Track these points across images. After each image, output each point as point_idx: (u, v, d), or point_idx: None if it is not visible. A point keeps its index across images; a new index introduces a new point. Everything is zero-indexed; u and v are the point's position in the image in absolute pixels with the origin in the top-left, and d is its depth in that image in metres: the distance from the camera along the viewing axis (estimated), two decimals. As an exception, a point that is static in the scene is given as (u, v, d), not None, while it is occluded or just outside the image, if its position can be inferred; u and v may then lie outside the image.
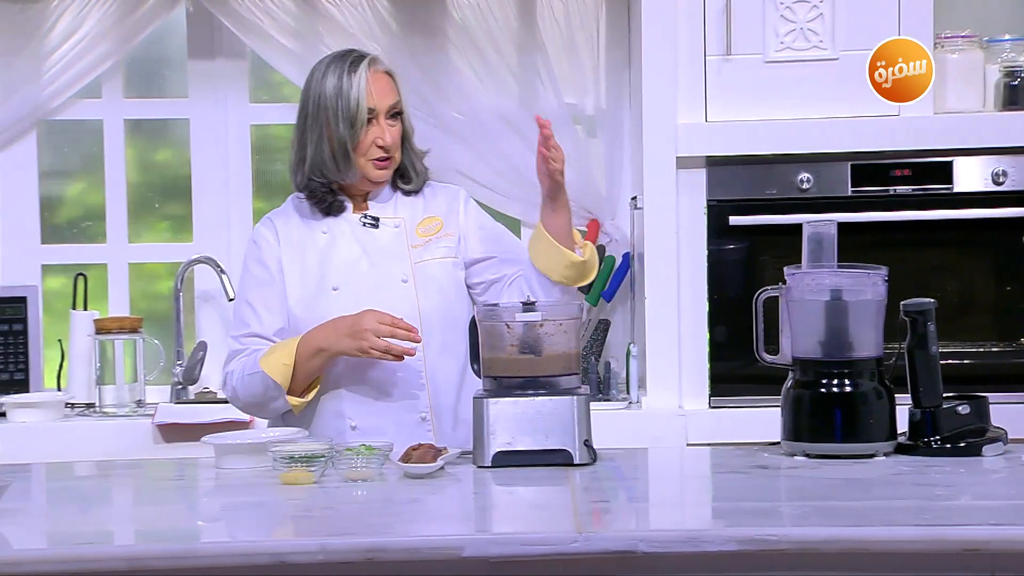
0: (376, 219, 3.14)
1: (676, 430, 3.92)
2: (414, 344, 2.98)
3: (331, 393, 3.11)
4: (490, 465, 2.84)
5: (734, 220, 3.99)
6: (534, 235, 3.14)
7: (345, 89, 3.04)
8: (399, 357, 2.98)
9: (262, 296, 3.13)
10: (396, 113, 3.10)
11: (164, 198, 4.57)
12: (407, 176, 3.17)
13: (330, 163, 3.08)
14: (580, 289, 4.28)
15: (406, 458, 2.77)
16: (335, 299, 3.07)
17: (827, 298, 2.92)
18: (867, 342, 2.91)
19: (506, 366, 2.91)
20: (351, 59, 3.08)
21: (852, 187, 3.97)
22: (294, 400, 3.05)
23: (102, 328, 4.20)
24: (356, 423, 3.09)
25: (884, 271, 2.93)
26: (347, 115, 3.04)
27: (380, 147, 3.07)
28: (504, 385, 2.90)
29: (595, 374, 4.20)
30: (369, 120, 3.06)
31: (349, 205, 3.15)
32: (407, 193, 3.18)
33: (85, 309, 4.32)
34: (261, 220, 3.22)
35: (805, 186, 3.97)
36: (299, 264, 3.12)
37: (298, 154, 3.13)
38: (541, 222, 3.13)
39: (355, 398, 3.09)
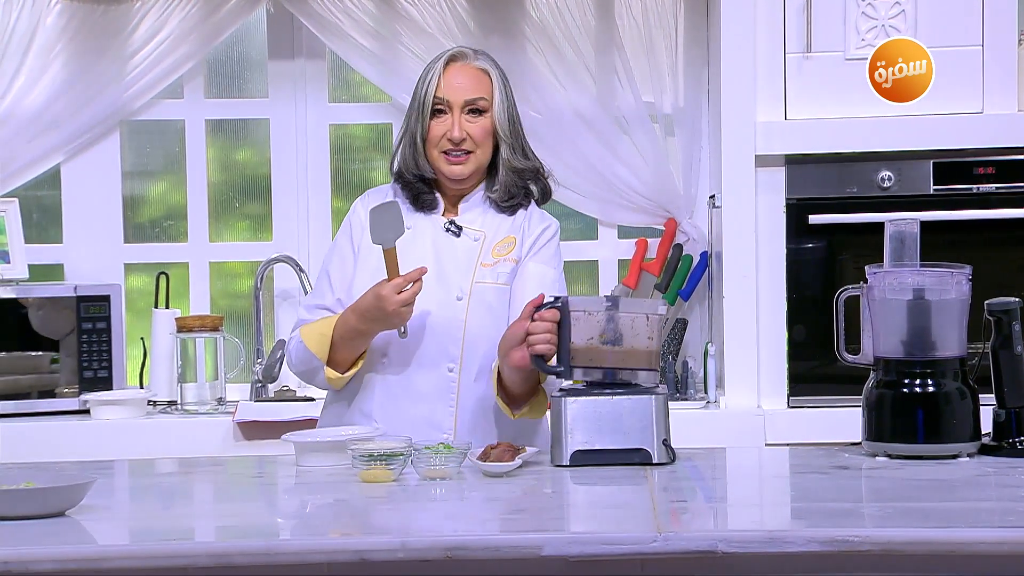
0: (459, 227, 3.10)
1: (754, 430, 3.90)
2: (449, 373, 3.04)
3: (363, 395, 3.10)
4: (568, 464, 2.83)
5: (813, 219, 3.96)
6: (496, 366, 3.02)
7: (422, 79, 3.06)
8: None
9: (341, 271, 3.12)
10: (478, 110, 3.05)
11: (244, 197, 4.61)
12: (493, 186, 3.10)
13: (409, 153, 3.07)
14: (656, 287, 4.29)
15: (484, 456, 2.78)
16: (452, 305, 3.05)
17: (910, 297, 2.89)
18: (950, 342, 2.88)
19: (589, 356, 2.89)
20: (439, 55, 3.10)
21: (934, 185, 3.93)
22: (332, 374, 3.03)
23: (183, 326, 4.24)
24: (384, 431, 3.06)
25: (968, 270, 2.90)
26: (418, 104, 3.05)
27: (450, 140, 3.03)
28: (586, 377, 2.89)
29: (672, 373, 4.19)
30: (440, 112, 3.03)
31: (441, 205, 3.12)
32: (497, 206, 3.11)
33: (167, 307, 4.36)
34: (360, 199, 3.19)
35: (886, 184, 3.93)
36: (376, 254, 3.04)
37: (395, 145, 3.16)
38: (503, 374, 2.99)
39: (385, 408, 3.08)
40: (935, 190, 3.93)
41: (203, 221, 4.54)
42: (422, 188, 3.09)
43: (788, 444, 3.67)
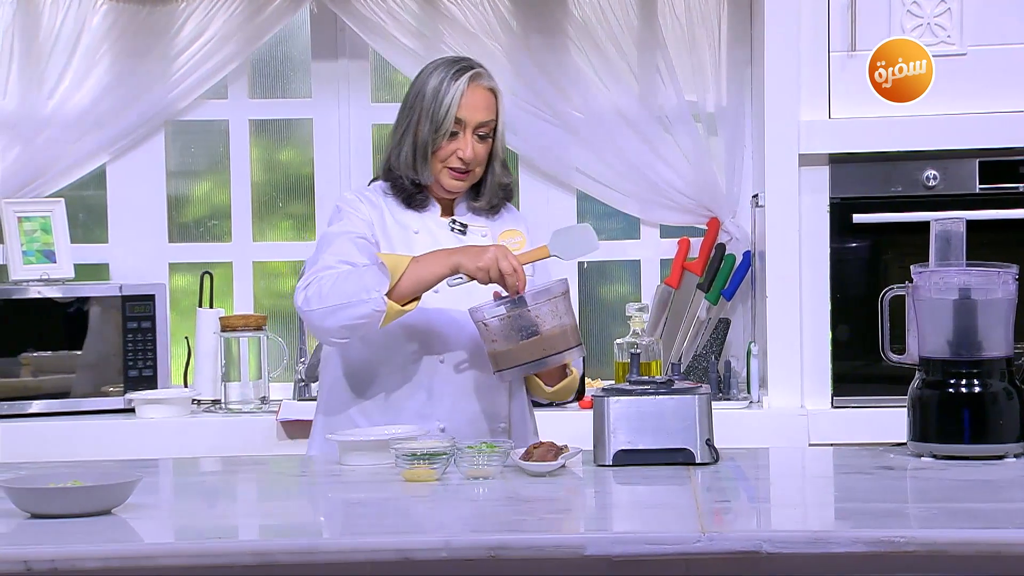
0: (465, 226, 3.13)
1: (798, 430, 3.89)
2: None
3: (417, 396, 3.08)
4: (611, 464, 2.83)
5: (857, 218, 3.94)
6: None
7: (441, 94, 3.04)
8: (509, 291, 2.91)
9: (364, 246, 3.04)
10: (487, 132, 3.08)
11: (288, 197, 4.63)
12: (479, 194, 3.14)
13: (410, 159, 3.07)
14: (698, 286, 4.27)
15: (527, 456, 2.78)
16: (430, 297, 3.01)
17: (956, 297, 2.87)
18: (997, 341, 2.86)
19: (514, 357, 2.90)
20: (459, 67, 3.08)
21: (980, 184, 3.90)
22: (393, 307, 2.90)
23: (227, 326, 4.26)
24: (444, 425, 3.07)
25: (1014, 269, 2.88)
26: (435, 120, 3.03)
27: (459, 159, 3.05)
28: (521, 375, 2.94)
29: (715, 373, 4.18)
30: (455, 132, 3.04)
31: (436, 206, 3.14)
32: (476, 211, 3.15)
33: (211, 307, 4.38)
34: (350, 193, 3.15)
35: (931, 183, 3.91)
36: (391, 252, 3.05)
37: (390, 142, 3.12)
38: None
39: (444, 400, 3.07)
40: (981, 189, 3.91)
41: (247, 221, 4.56)
42: (414, 190, 3.10)
43: (832, 444, 3.66)
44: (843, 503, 2.63)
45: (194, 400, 4.25)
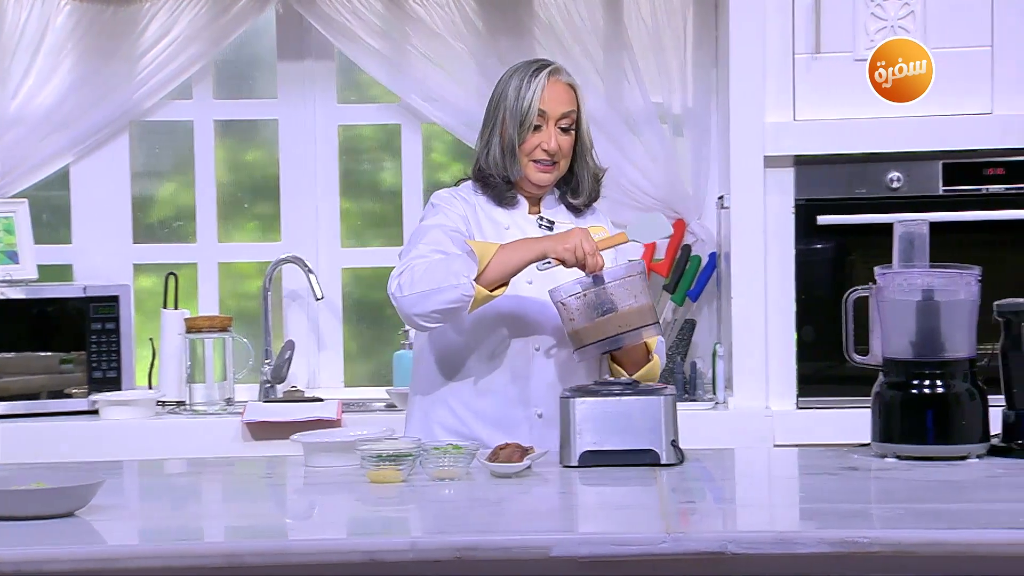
0: (552, 222, 3.21)
1: (763, 431, 3.90)
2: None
3: (515, 382, 3.14)
4: (577, 465, 2.84)
5: (822, 220, 3.96)
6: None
7: (523, 91, 3.14)
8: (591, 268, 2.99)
9: (459, 239, 3.11)
10: (569, 124, 3.17)
11: (253, 198, 4.62)
12: (577, 190, 3.24)
13: (499, 157, 3.17)
14: (664, 287, 4.29)
15: (493, 457, 2.78)
16: (527, 290, 3.12)
17: (919, 298, 2.89)
18: (960, 343, 2.88)
19: (592, 333, 2.96)
20: (537, 66, 3.19)
21: (944, 186, 3.93)
22: (480, 292, 2.97)
23: (192, 327, 4.24)
24: (542, 411, 3.12)
25: (977, 271, 2.90)
26: (518, 115, 3.14)
27: (545, 151, 3.15)
28: (599, 351, 2.97)
29: (681, 374, 4.19)
30: (538, 125, 3.14)
31: (524, 203, 3.23)
32: (573, 208, 3.24)
33: (176, 308, 4.37)
34: (444, 191, 3.24)
35: (895, 185, 3.93)
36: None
37: (478, 144, 3.24)
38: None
39: (540, 387, 3.13)
40: (944, 191, 3.93)
41: (212, 221, 4.54)
42: (505, 188, 3.19)
43: (797, 445, 3.66)
44: (808, 504, 2.64)
45: (159, 402, 4.23)
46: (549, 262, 3.01)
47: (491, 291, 3.00)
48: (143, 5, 4.37)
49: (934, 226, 2.94)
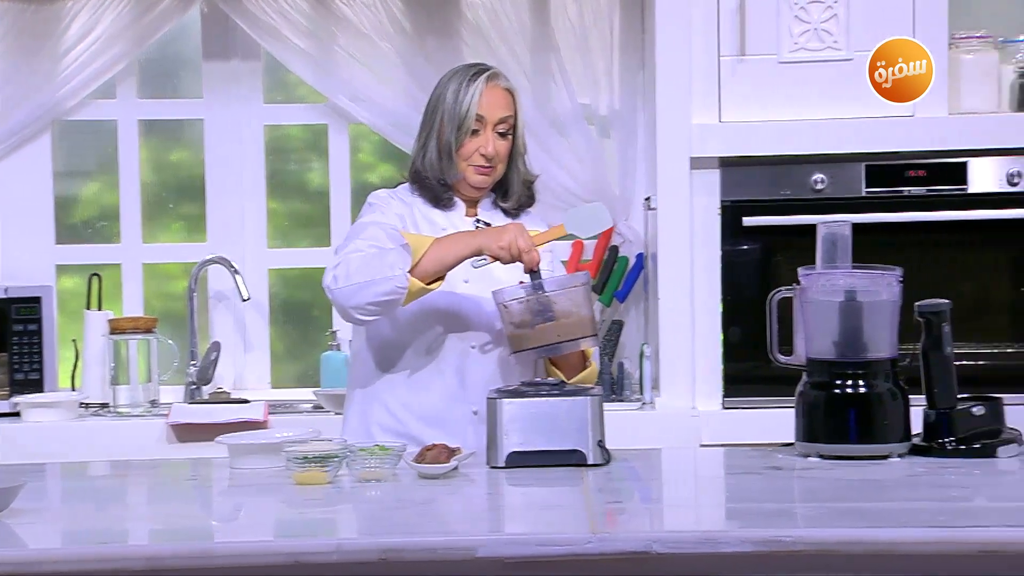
0: (488, 224, 3.22)
1: (689, 431, 3.92)
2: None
3: (449, 380, 3.14)
4: (504, 465, 2.84)
5: (748, 221, 3.98)
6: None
7: (461, 96, 3.16)
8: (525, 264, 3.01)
9: (396, 237, 3.11)
10: (507, 129, 3.19)
11: (178, 198, 4.58)
12: (507, 194, 3.26)
13: (435, 160, 3.19)
14: (592, 289, 4.30)
15: (420, 458, 2.78)
16: (464, 288, 3.14)
17: (841, 299, 2.91)
18: (882, 343, 2.91)
19: (532, 338, 2.96)
20: (476, 70, 3.21)
21: (866, 188, 3.96)
22: (415, 284, 2.98)
23: (116, 328, 4.20)
24: (477, 408, 3.12)
25: (899, 272, 2.93)
26: (456, 119, 3.16)
27: (482, 155, 3.17)
28: (536, 356, 2.98)
29: (608, 375, 4.20)
30: (476, 129, 3.16)
31: (461, 205, 3.24)
32: (505, 212, 3.27)
33: (99, 309, 4.33)
34: (382, 191, 3.27)
35: (819, 187, 3.97)
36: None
37: (415, 146, 3.25)
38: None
39: (476, 385, 3.13)
40: (867, 192, 3.97)
41: (136, 222, 4.50)
42: (442, 190, 3.21)
43: (723, 445, 3.68)
44: (733, 503, 2.66)
45: (82, 403, 4.19)
46: (484, 259, 3.02)
47: (427, 284, 3.01)
48: (65, 4, 4.33)
49: (857, 227, 2.97)
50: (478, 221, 3.24)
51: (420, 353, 3.16)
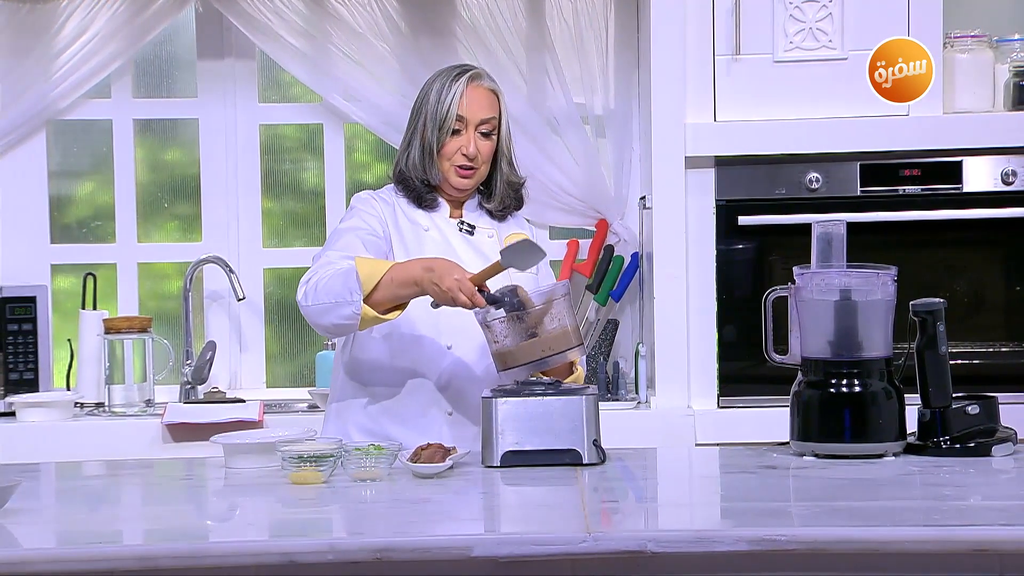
0: (472, 227, 3.23)
1: (685, 430, 3.92)
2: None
3: (426, 382, 3.14)
4: (499, 465, 2.84)
5: (743, 220, 3.98)
6: None
7: (443, 96, 3.16)
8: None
9: (373, 242, 3.12)
10: (490, 130, 3.18)
11: (173, 198, 4.58)
12: (491, 196, 3.25)
13: (418, 160, 3.19)
14: (587, 287, 4.30)
15: (415, 458, 2.78)
16: None
17: (836, 298, 2.92)
18: (876, 342, 2.91)
19: (517, 356, 2.93)
20: (459, 71, 3.21)
21: (861, 187, 3.97)
22: (369, 312, 2.96)
23: (111, 328, 4.20)
24: (452, 410, 3.13)
25: (893, 271, 2.93)
26: (437, 119, 3.16)
27: (464, 155, 3.16)
28: (520, 376, 2.94)
29: (604, 374, 4.20)
30: (457, 129, 3.15)
31: (445, 206, 3.24)
32: (491, 213, 3.26)
33: (94, 309, 4.32)
34: (364, 193, 3.27)
35: (814, 186, 3.97)
36: (403, 248, 3.17)
37: (400, 146, 3.26)
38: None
39: (452, 387, 3.13)
40: (862, 191, 3.97)
41: (131, 222, 4.50)
42: (425, 190, 3.21)
43: (718, 444, 3.69)
44: (728, 502, 2.66)
45: (77, 403, 4.18)
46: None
47: (382, 314, 2.98)
48: (59, 3, 4.32)
49: (851, 226, 2.97)
50: (462, 223, 3.23)
51: (397, 353, 3.15)
